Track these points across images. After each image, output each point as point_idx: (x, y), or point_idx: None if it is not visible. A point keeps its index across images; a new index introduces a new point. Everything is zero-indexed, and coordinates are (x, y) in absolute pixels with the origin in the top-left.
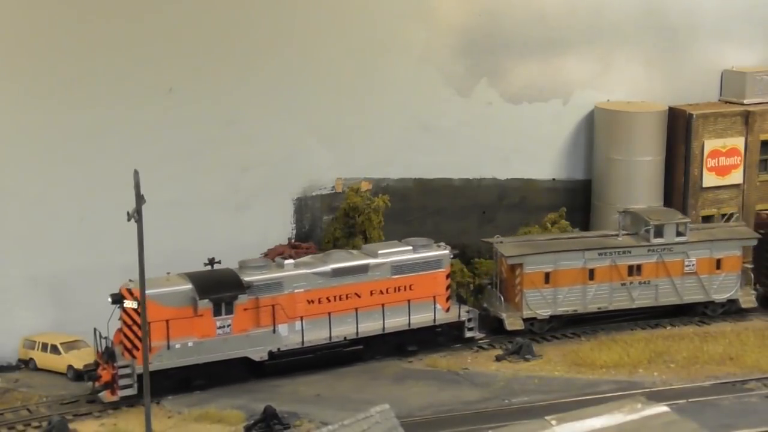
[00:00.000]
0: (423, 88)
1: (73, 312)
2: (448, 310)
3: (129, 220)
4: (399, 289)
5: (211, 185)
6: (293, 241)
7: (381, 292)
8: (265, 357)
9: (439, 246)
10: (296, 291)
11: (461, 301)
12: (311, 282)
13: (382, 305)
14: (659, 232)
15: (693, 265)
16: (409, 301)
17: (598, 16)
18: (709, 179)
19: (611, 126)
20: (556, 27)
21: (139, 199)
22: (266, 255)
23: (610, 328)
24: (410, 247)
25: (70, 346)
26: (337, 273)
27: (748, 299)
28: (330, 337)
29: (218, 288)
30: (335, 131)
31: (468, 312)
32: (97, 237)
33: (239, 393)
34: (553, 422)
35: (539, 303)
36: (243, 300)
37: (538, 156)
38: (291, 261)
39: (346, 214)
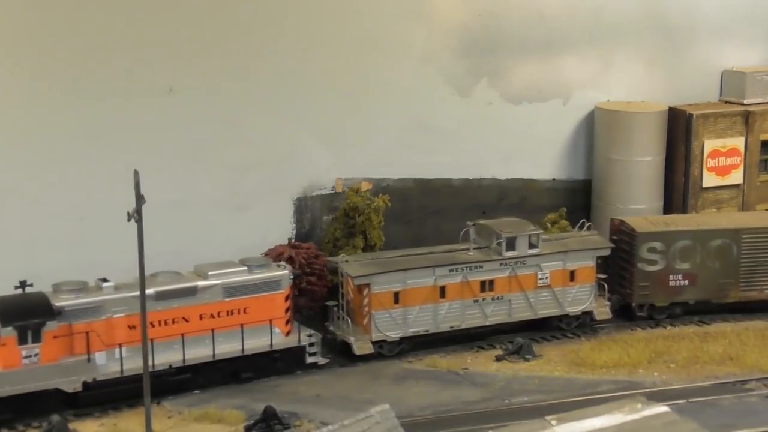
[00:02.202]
0: (423, 88)
1: None
2: (288, 334)
3: (129, 220)
4: (232, 313)
5: (211, 185)
6: (293, 241)
7: (212, 316)
8: (79, 388)
9: (278, 266)
10: (115, 316)
11: (306, 324)
12: (132, 306)
13: (212, 330)
14: (511, 244)
15: (546, 278)
16: (242, 325)
17: (598, 16)
18: (709, 179)
19: (611, 126)
20: (556, 27)
21: (139, 199)
22: (266, 255)
23: (610, 328)
24: (245, 268)
25: None
26: (162, 296)
27: (602, 311)
28: (153, 366)
29: (23, 314)
30: (335, 131)
31: (310, 336)
32: (97, 237)
33: (239, 393)
34: (553, 422)
35: (389, 324)
36: (52, 327)
37: (538, 156)
38: (110, 284)
39: (346, 214)
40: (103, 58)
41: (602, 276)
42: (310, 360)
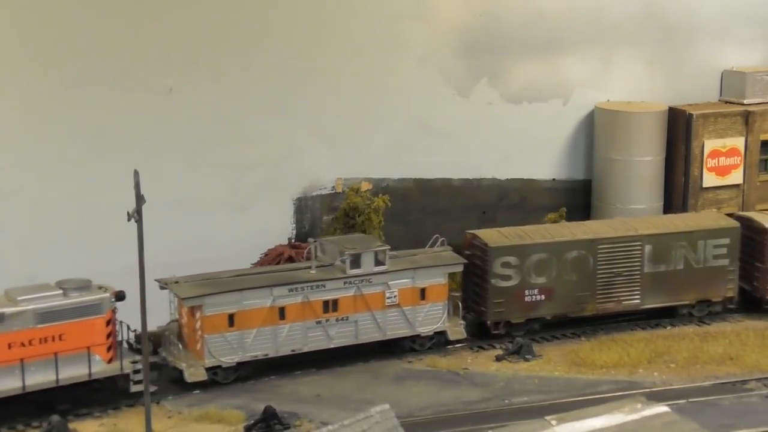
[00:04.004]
0: (423, 88)
1: None
2: (110, 361)
3: (129, 220)
4: (45, 341)
5: (211, 185)
6: (293, 241)
7: (22, 345)
8: None
9: (100, 288)
10: None
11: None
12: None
13: (22, 360)
14: (356, 262)
15: (395, 296)
16: (56, 353)
17: (598, 16)
18: (709, 179)
19: (611, 126)
20: (556, 27)
21: (139, 199)
22: (266, 255)
23: (610, 328)
24: (60, 291)
25: None
26: None
27: (456, 330)
28: None
29: None
30: (335, 131)
31: (134, 363)
32: (97, 237)
33: (239, 393)
34: (553, 422)
35: (224, 349)
36: None
37: (538, 156)
38: None
39: (346, 214)
40: (103, 58)
41: (456, 293)
42: (134, 389)
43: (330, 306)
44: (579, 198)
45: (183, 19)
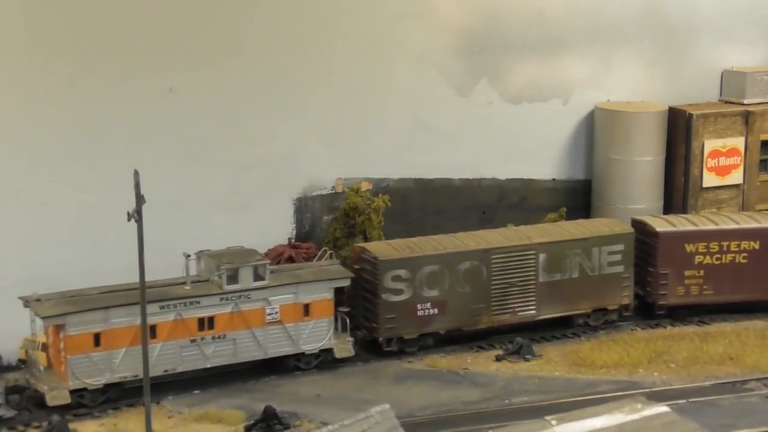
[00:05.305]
0: (423, 88)
1: None
2: None
3: (129, 220)
4: None
5: (211, 185)
6: (293, 241)
7: None
8: None
9: None
10: None
11: None
12: None
13: None
14: (233, 277)
15: (276, 313)
16: None
17: (598, 16)
18: (709, 179)
19: (611, 126)
20: (556, 27)
21: (139, 199)
22: (266, 255)
23: (610, 328)
24: None
25: None
26: None
27: (344, 347)
28: None
29: None
30: (335, 131)
31: None
32: (97, 237)
33: (239, 393)
34: (553, 422)
35: (89, 370)
36: None
37: (538, 156)
38: None
39: (346, 214)
40: (103, 58)
41: (344, 309)
42: None
43: (205, 324)
44: (579, 198)
45: (183, 19)
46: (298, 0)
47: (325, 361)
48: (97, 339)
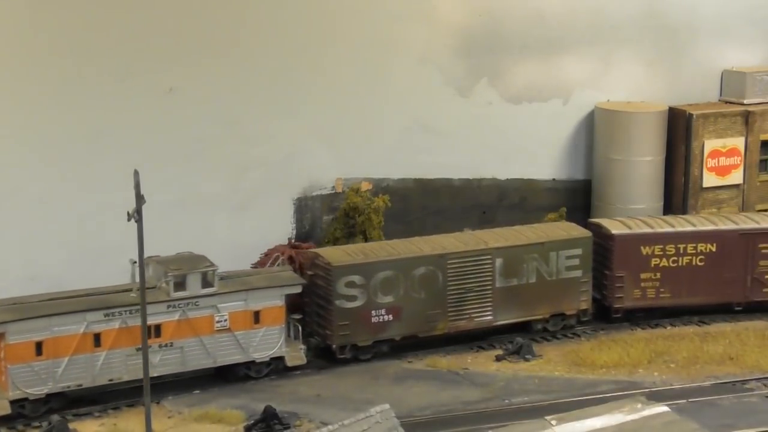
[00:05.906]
0: (423, 88)
1: None
2: None
3: (129, 220)
4: None
5: (211, 185)
6: (293, 241)
7: None
8: None
9: None
10: None
11: None
12: None
13: None
14: (181, 283)
15: (225, 320)
16: None
17: (598, 16)
18: (709, 179)
19: (611, 126)
20: (556, 27)
21: (139, 199)
22: (266, 255)
23: (610, 328)
24: None
25: None
26: None
27: (295, 355)
28: None
29: None
30: (335, 131)
31: None
32: (97, 237)
33: (239, 393)
34: (553, 422)
35: (31, 380)
36: None
37: (538, 156)
38: None
39: (346, 214)
40: (103, 58)
41: (296, 316)
42: None
43: (152, 331)
44: (579, 198)
45: (183, 19)
46: (298, 0)
47: (276, 369)
48: (39, 348)
